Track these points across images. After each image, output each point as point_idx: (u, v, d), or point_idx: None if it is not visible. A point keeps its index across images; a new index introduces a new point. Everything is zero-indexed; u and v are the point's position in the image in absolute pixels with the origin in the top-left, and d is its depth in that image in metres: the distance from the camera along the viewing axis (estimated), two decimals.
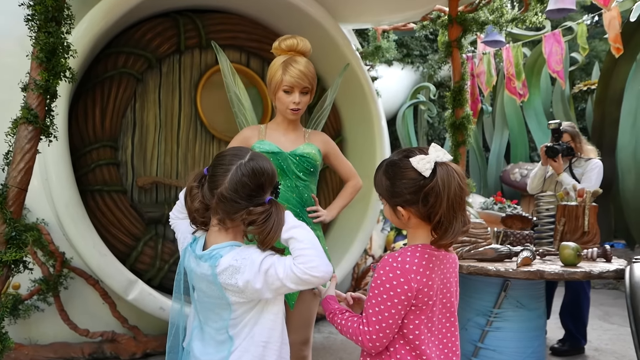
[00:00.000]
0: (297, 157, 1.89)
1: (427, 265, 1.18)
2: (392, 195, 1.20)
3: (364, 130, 3.86)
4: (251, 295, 1.21)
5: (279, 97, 1.88)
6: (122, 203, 3.07)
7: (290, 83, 1.83)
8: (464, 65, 3.52)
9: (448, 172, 1.14)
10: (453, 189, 1.13)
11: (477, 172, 7.32)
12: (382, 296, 1.15)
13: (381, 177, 1.22)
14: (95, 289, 2.88)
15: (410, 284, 1.15)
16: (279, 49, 1.90)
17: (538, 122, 6.76)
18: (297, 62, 1.85)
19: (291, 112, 1.88)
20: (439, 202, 1.12)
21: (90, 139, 3.02)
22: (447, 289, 1.23)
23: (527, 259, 2.12)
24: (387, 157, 1.25)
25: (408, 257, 1.17)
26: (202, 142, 3.56)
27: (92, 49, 2.87)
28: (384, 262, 1.18)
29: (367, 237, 3.86)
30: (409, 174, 1.16)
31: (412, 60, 7.41)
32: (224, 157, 1.27)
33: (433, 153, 1.16)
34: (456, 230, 1.14)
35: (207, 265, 1.23)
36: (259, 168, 1.25)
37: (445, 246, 1.18)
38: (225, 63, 2.12)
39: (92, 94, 3.05)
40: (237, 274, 1.19)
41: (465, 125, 3.44)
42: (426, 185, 1.13)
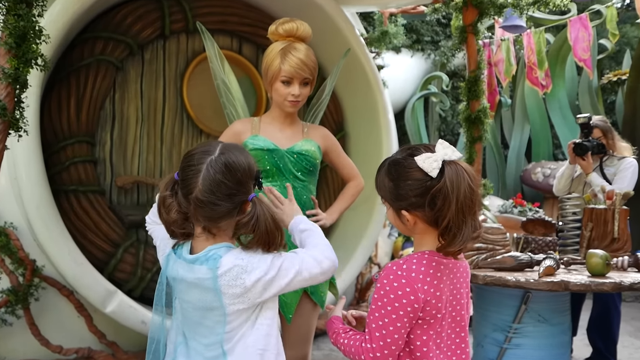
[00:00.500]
0: (294, 155, 1.89)
1: (435, 274, 1.18)
2: (395, 198, 1.20)
3: (369, 124, 3.86)
4: (255, 295, 1.21)
5: (276, 88, 1.86)
6: (100, 205, 3.08)
7: (289, 73, 1.82)
8: (480, 52, 3.52)
9: (457, 172, 1.14)
10: (463, 191, 1.12)
11: (495, 172, 7.33)
12: (385, 308, 1.15)
13: (383, 178, 1.22)
14: (69, 300, 2.88)
15: (417, 295, 1.14)
16: (276, 34, 1.88)
17: (562, 116, 6.76)
18: (296, 49, 1.83)
19: (289, 103, 1.87)
20: (447, 205, 1.12)
21: (64, 134, 3.02)
22: (457, 300, 1.23)
23: (550, 268, 2.13)
24: (390, 156, 1.25)
25: (414, 265, 1.17)
26: (189, 138, 3.56)
27: (67, 33, 2.87)
28: (387, 270, 1.18)
29: (372, 243, 3.86)
30: (414, 174, 1.16)
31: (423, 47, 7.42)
32: (192, 157, 1.24)
33: (441, 150, 1.16)
34: (465, 236, 1.14)
35: (204, 268, 1.21)
36: (232, 162, 1.22)
37: (453, 254, 1.18)
38: (212, 47, 2.11)
39: (67, 83, 3.05)
40: (244, 273, 1.19)
41: (481, 119, 3.44)
42: (433, 186, 1.13)
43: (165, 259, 1.32)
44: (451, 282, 1.22)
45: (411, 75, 7.10)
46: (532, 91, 6.56)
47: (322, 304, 1.91)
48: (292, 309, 1.84)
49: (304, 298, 1.87)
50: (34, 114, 2.70)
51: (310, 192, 1.95)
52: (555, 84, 6.30)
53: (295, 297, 1.84)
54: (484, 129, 3.46)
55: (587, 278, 2.11)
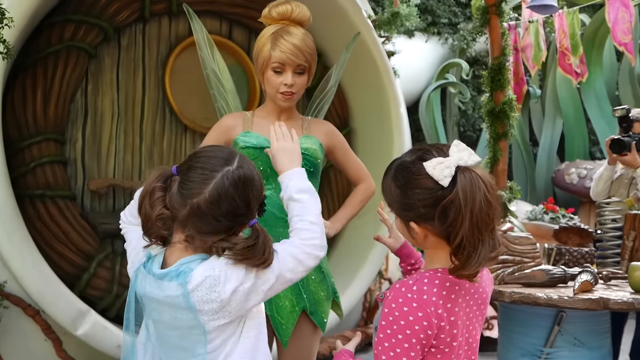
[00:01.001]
0: None
1: (448, 296, 1.17)
2: (403, 207, 1.19)
3: (378, 119, 3.86)
4: (234, 308, 1.21)
5: (268, 77, 1.87)
6: (70, 212, 3.08)
7: (280, 59, 1.82)
8: (505, 36, 3.52)
9: (472, 181, 1.12)
10: (478, 203, 1.11)
11: (523, 173, 7.32)
12: (395, 337, 1.14)
13: (390, 184, 1.21)
14: (35, 321, 2.88)
15: (430, 320, 1.13)
16: (269, 17, 1.89)
17: (600, 108, 6.76)
18: (290, 33, 1.84)
19: (282, 96, 1.87)
20: (459, 220, 1.11)
21: (29, 131, 3.03)
22: (473, 324, 1.22)
23: (587, 283, 2.11)
24: (398, 157, 1.24)
25: (425, 285, 1.16)
26: (171, 135, 3.57)
27: (33, 16, 2.88)
28: (395, 292, 1.17)
29: (382, 255, 3.86)
30: (424, 181, 1.15)
31: (439, 30, 7.42)
32: (205, 159, 1.26)
33: (455, 154, 1.15)
34: (482, 256, 1.12)
35: (174, 284, 1.22)
36: (248, 179, 1.25)
37: (468, 277, 1.16)
38: (201, 32, 2.12)
39: (33, 73, 3.06)
40: (218, 285, 1.20)
41: (506, 112, 3.43)
42: (444, 197, 1.12)
43: (134, 274, 1.32)
44: (467, 304, 1.21)
45: (426, 62, 7.10)
46: (564, 80, 6.55)
47: (322, 325, 1.90)
48: (289, 331, 1.83)
49: (303, 319, 1.86)
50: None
51: None
52: (591, 72, 6.29)
53: (292, 318, 1.84)
54: (509, 124, 3.45)
55: (629, 295, 2.10)
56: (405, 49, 5.58)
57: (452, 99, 7.50)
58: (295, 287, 1.86)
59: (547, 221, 4.80)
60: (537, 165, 7.25)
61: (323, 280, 1.93)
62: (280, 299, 1.83)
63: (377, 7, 5.80)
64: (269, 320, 1.83)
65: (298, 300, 1.85)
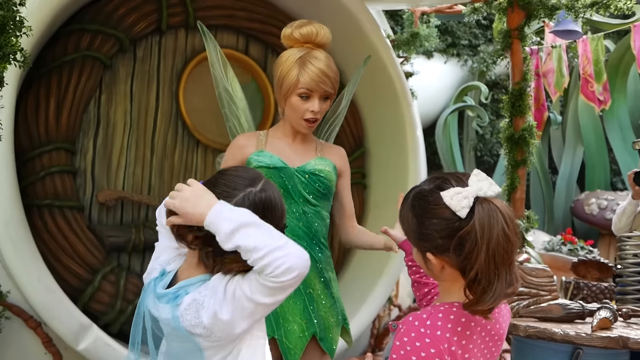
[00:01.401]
0: (306, 175, 1.90)
1: (463, 332, 1.16)
2: (419, 237, 1.19)
3: (393, 141, 3.86)
4: (222, 334, 1.21)
5: (292, 103, 1.87)
6: (78, 223, 3.10)
7: (309, 86, 1.83)
8: (526, 61, 3.53)
9: (490, 213, 1.12)
10: (495, 237, 1.10)
11: (541, 202, 7.27)
12: None
13: (407, 212, 1.22)
14: (36, 334, 2.89)
15: (443, 357, 1.12)
16: (292, 38, 1.90)
17: (623, 137, 6.72)
18: (317, 58, 1.85)
19: (306, 123, 1.89)
20: (475, 253, 1.10)
21: (40, 139, 3.06)
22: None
23: (605, 320, 2.09)
24: (417, 185, 1.25)
25: (439, 320, 1.15)
26: (183, 149, 3.59)
27: (50, 25, 2.93)
28: (407, 325, 1.16)
29: (392, 281, 3.84)
30: (441, 212, 1.15)
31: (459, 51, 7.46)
32: (231, 177, 1.28)
33: (474, 184, 1.15)
34: (497, 292, 1.11)
35: (168, 307, 1.23)
36: (270, 203, 1.26)
37: (482, 313, 1.15)
38: (214, 50, 2.15)
39: (47, 81, 3.10)
40: (202, 309, 1.20)
41: (526, 139, 3.43)
42: (461, 228, 1.12)
43: (145, 286, 1.33)
44: (482, 341, 1.20)
45: (444, 84, 7.13)
46: (587, 107, 6.54)
47: (331, 352, 1.90)
48: (297, 356, 1.83)
49: (312, 344, 1.86)
50: (9, 116, 2.74)
51: (322, 219, 1.95)
52: (615, 100, 6.28)
53: (301, 343, 1.83)
54: (529, 151, 3.44)
55: None
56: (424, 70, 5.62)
57: (470, 122, 7.50)
58: (305, 311, 1.85)
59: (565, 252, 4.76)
60: (556, 195, 7.20)
61: (333, 305, 1.93)
62: (290, 323, 1.83)
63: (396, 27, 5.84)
64: (277, 344, 1.83)
65: (308, 325, 1.85)
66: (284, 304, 1.84)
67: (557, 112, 7.17)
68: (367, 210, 3.99)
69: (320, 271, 1.91)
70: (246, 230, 1.15)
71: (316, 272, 1.90)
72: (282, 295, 1.19)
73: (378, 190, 3.96)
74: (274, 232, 1.18)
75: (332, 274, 1.97)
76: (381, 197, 3.92)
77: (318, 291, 1.90)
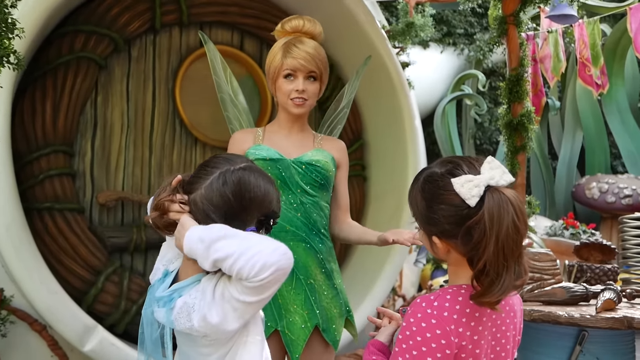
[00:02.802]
0: (303, 166, 1.91)
1: (472, 314, 1.15)
2: (427, 221, 1.18)
3: (392, 132, 3.86)
4: (215, 335, 1.21)
5: (279, 85, 1.92)
6: (79, 225, 3.10)
7: (292, 66, 1.88)
8: (523, 47, 3.51)
9: (500, 204, 1.10)
10: (505, 228, 1.09)
11: (542, 187, 7.27)
12: (410, 352, 1.13)
13: (416, 195, 1.21)
14: (41, 336, 2.89)
15: (449, 338, 1.12)
16: (282, 31, 1.96)
17: (622, 120, 6.71)
18: (302, 42, 1.90)
19: (293, 103, 1.90)
20: (484, 243, 1.09)
21: (38, 143, 3.06)
22: (501, 346, 1.20)
23: (610, 301, 2.09)
24: (428, 167, 1.23)
25: (447, 302, 1.15)
26: (182, 148, 3.59)
27: (43, 27, 2.92)
28: (415, 307, 1.16)
29: (395, 271, 3.84)
30: (451, 198, 1.14)
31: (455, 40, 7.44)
32: (214, 159, 1.31)
33: (486, 172, 1.13)
34: (506, 284, 1.10)
35: (163, 311, 1.24)
36: (247, 182, 1.24)
37: (489, 304, 1.13)
38: (215, 56, 2.17)
39: (42, 84, 3.10)
40: (193, 312, 1.20)
41: (525, 124, 3.42)
42: (470, 217, 1.11)
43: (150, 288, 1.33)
44: (494, 324, 1.19)
45: (441, 74, 7.12)
46: (585, 92, 6.53)
47: (335, 344, 1.90)
48: (300, 347, 1.83)
49: (315, 336, 1.86)
50: (4, 120, 2.75)
51: (321, 209, 1.95)
52: (612, 84, 6.27)
53: (304, 334, 1.84)
54: (528, 137, 3.43)
55: None
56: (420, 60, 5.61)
57: (468, 111, 7.49)
58: (307, 302, 1.86)
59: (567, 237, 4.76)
60: (557, 180, 7.20)
61: (336, 296, 1.93)
62: (291, 314, 1.83)
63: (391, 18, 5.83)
64: (280, 336, 1.83)
65: (310, 316, 1.85)
66: (285, 295, 1.84)
67: (556, 98, 7.15)
68: (368, 202, 3.99)
69: (321, 262, 1.91)
70: (217, 244, 1.15)
71: (317, 263, 1.91)
72: (268, 292, 1.17)
73: (378, 182, 3.96)
74: (245, 236, 1.17)
75: (335, 265, 1.97)
76: (381, 189, 3.92)
77: (320, 282, 1.90)
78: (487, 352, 1.18)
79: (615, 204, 6.10)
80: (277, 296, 1.84)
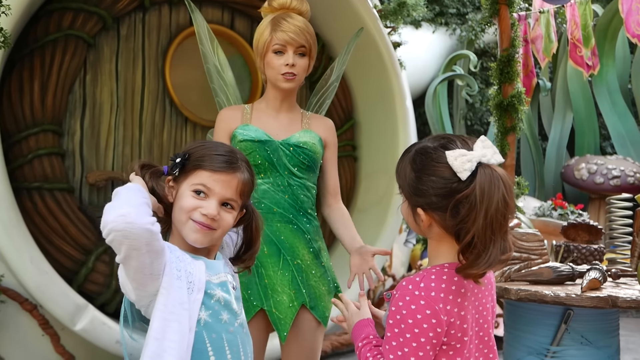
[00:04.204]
0: (290, 148, 1.90)
1: (458, 291, 1.18)
2: (414, 192, 1.20)
3: (383, 112, 3.86)
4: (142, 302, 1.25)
5: (269, 61, 1.90)
6: (68, 205, 3.09)
7: (281, 40, 1.87)
8: (514, 27, 3.51)
9: (492, 179, 1.12)
10: (495, 203, 1.11)
11: (531, 168, 7.31)
12: (404, 336, 1.15)
13: (406, 166, 1.22)
14: (32, 316, 2.90)
15: (439, 317, 1.14)
16: (269, 8, 1.95)
17: (612, 102, 6.74)
18: (291, 16, 1.90)
19: (284, 78, 1.89)
20: (473, 217, 1.11)
21: (26, 122, 3.04)
22: (483, 318, 1.24)
23: (595, 281, 2.12)
24: (419, 141, 1.25)
25: (433, 282, 1.17)
26: (172, 127, 3.57)
27: (30, 4, 2.88)
28: (402, 290, 1.18)
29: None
30: (441, 170, 1.16)
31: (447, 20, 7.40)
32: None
33: (479, 150, 1.15)
34: (492, 258, 1.13)
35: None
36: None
37: (474, 277, 1.16)
38: (202, 25, 2.13)
39: (30, 63, 3.06)
40: None
41: (515, 106, 3.43)
42: (460, 190, 1.13)
43: None
44: (476, 298, 1.22)
45: (433, 54, 7.09)
46: (576, 73, 6.54)
47: (324, 320, 1.92)
48: (287, 325, 1.85)
49: (304, 314, 1.88)
50: None
51: (309, 190, 1.95)
52: (603, 65, 6.28)
53: (291, 312, 1.85)
54: (518, 118, 3.45)
55: (638, 293, 2.11)
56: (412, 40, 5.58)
57: (460, 91, 7.49)
58: (294, 282, 1.87)
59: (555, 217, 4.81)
60: (546, 160, 7.24)
61: (324, 274, 1.95)
62: (278, 294, 1.85)
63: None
64: (266, 315, 1.85)
65: (297, 295, 1.87)
66: (272, 276, 1.86)
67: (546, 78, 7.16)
68: (359, 182, 4.00)
69: (308, 242, 1.92)
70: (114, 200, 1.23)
71: (304, 243, 1.92)
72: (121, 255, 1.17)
73: (369, 162, 3.96)
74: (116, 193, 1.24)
75: (322, 244, 1.99)
76: (372, 169, 3.93)
77: (307, 262, 1.91)
78: (472, 325, 1.21)
79: (603, 185, 6.15)
80: (263, 276, 1.85)
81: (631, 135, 6.73)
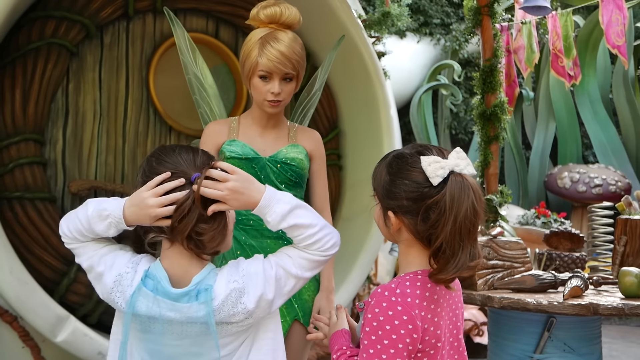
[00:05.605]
0: (278, 165, 1.90)
1: (431, 297, 1.20)
2: (387, 194, 1.23)
3: (368, 121, 3.87)
4: (262, 313, 1.26)
5: (254, 84, 1.87)
6: (50, 215, 3.06)
7: (267, 68, 1.82)
8: (497, 37, 3.55)
9: (462, 187, 1.16)
10: (464, 210, 1.15)
11: (515, 177, 7.38)
12: (381, 343, 1.15)
13: (382, 169, 1.27)
14: (12, 327, 2.86)
15: (416, 323, 1.16)
16: (258, 19, 1.88)
17: (593, 111, 6.84)
18: (278, 39, 1.83)
19: (269, 104, 1.87)
20: (442, 223, 1.15)
21: (7, 131, 3.01)
22: (454, 324, 1.26)
23: (577, 289, 2.14)
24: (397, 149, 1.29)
25: (408, 288, 1.19)
26: (156, 136, 3.56)
27: (12, 12, 2.86)
28: (377, 297, 1.19)
29: (370, 260, 3.87)
30: (415, 175, 1.19)
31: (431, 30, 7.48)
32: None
33: (453, 159, 1.19)
34: (461, 263, 1.16)
35: (195, 305, 1.23)
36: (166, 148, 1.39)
37: (444, 282, 1.19)
38: (182, 36, 2.13)
39: (12, 71, 3.04)
40: (243, 295, 1.24)
41: (498, 115, 3.47)
42: (430, 196, 1.16)
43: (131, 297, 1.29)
44: (448, 305, 1.25)
45: (417, 63, 7.16)
46: (558, 83, 6.64)
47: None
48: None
49: (298, 329, 1.90)
50: None
51: None
52: (585, 75, 6.38)
53: (283, 327, 1.85)
54: (501, 127, 3.48)
55: (619, 300, 2.13)
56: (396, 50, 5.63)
57: (444, 101, 7.56)
58: None
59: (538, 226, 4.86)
60: (530, 169, 7.32)
61: (317, 288, 1.96)
62: None
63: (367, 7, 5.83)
64: None
65: (289, 310, 1.87)
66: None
67: (529, 88, 7.26)
68: (344, 190, 4.01)
69: None
70: (298, 210, 1.28)
71: None
72: (320, 268, 1.32)
73: (354, 171, 3.97)
74: (313, 210, 1.32)
75: None
76: (357, 178, 3.94)
77: None
78: (445, 331, 1.23)
79: (585, 194, 6.23)
80: None
81: (612, 144, 6.83)
